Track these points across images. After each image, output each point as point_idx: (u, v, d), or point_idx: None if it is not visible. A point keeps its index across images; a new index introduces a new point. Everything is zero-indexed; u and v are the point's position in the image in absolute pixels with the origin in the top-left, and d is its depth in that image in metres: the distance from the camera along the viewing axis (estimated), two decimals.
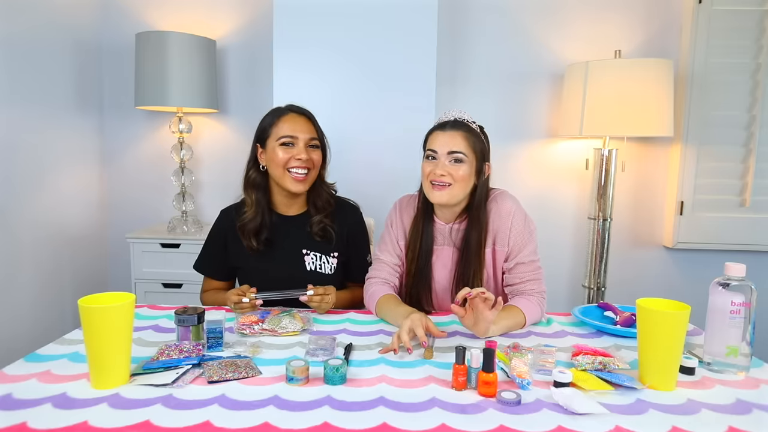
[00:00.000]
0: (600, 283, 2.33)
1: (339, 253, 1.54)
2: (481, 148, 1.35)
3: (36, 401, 0.88)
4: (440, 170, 1.30)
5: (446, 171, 1.30)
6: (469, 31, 2.45)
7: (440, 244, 1.42)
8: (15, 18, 1.94)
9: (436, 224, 1.42)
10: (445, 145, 1.31)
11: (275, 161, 1.45)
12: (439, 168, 1.31)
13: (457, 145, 1.31)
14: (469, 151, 1.32)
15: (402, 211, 1.48)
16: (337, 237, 1.52)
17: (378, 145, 2.14)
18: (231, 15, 2.47)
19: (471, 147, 1.32)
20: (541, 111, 2.49)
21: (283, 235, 1.52)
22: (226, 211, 1.57)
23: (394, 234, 1.47)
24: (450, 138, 1.31)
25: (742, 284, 1.03)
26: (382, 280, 1.43)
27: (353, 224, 1.58)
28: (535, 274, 1.37)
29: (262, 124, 1.51)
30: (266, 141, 1.48)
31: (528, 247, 1.37)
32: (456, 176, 1.30)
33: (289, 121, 1.46)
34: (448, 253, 1.41)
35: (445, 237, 1.41)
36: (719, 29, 2.35)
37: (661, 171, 2.51)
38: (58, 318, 2.23)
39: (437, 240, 1.42)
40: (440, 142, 1.32)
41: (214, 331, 1.12)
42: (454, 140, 1.31)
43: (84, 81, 2.38)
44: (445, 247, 1.42)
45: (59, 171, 2.23)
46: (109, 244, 2.58)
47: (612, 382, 0.97)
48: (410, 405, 0.89)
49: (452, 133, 1.32)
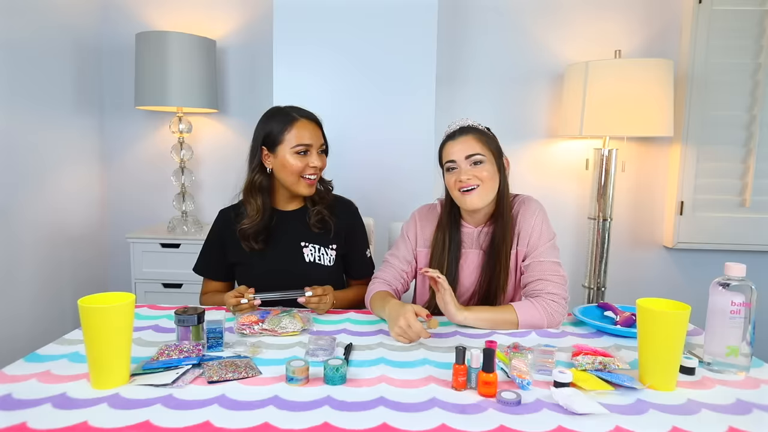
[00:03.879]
0: (600, 283, 2.33)
1: (337, 245, 1.55)
2: (496, 145, 1.38)
3: (36, 401, 0.88)
4: (465, 176, 1.32)
5: (471, 174, 1.32)
6: (468, 31, 2.45)
7: (467, 247, 1.43)
8: (15, 19, 1.94)
9: (463, 229, 1.43)
10: (461, 152, 1.33)
11: (289, 168, 1.45)
12: (463, 174, 1.32)
13: (473, 147, 1.33)
14: (486, 150, 1.34)
15: (421, 222, 1.48)
16: (335, 229, 1.53)
17: (377, 144, 2.14)
18: (231, 15, 2.47)
19: (486, 146, 1.35)
20: (541, 111, 2.49)
21: (281, 230, 1.52)
22: (224, 212, 1.57)
23: (411, 244, 1.48)
24: (463, 144, 1.34)
25: (742, 284, 1.03)
26: (385, 281, 1.45)
27: (350, 219, 1.59)
28: (548, 275, 1.32)
29: (268, 127, 1.47)
30: (277, 147, 1.45)
31: (545, 246, 1.35)
32: (481, 176, 1.32)
33: (304, 129, 1.45)
34: (474, 256, 1.42)
35: (472, 240, 1.42)
36: (719, 29, 2.35)
37: (661, 171, 2.51)
38: (58, 318, 2.23)
39: (464, 244, 1.43)
40: (456, 150, 1.34)
41: (214, 331, 1.12)
42: (468, 144, 1.34)
43: (84, 81, 2.38)
44: (472, 250, 1.42)
45: (59, 171, 2.23)
46: (109, 244, 2.58)
47: (612, 382, 0.97)
48: (410, 405, 0.89)
49: (464, 138, 1.34)
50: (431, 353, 1.12)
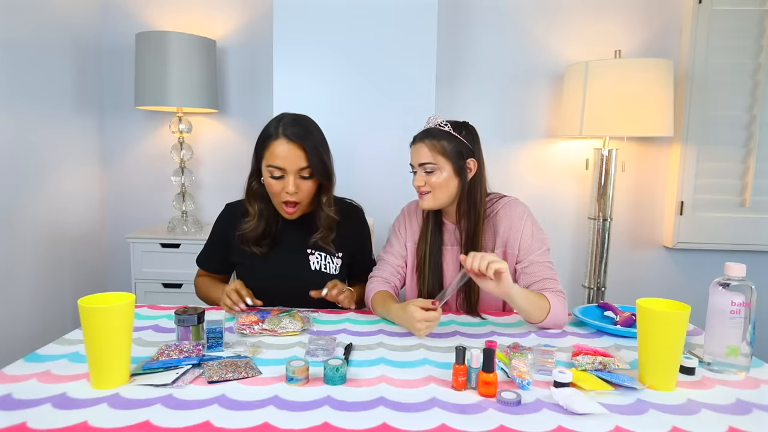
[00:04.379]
0: (600, 283, 2.33)
1: (344, 254, 1.52)
2: (456, 149, 1.36)
3: (36, 401, 0.88)
4: (417, 182, 1.38)
5: (423, 181, 1.37)
6: (468, 31, 2.45)
7: (449, 244, 1.46)
8: (15, 18, 1.94)
9: (445, 225, 1.47)
10: (415, 159, 1.39)
11: (267, 188, 1.39)
12: (417, 180, 1.39)
13: (423, 156, 1.36)
14: (438, 157, 1.35)
15: (409, 217, 1.53)
16: (342, 241, 1.50)
17: (377, 145, 2.14)
18: (231, 15, 2.47)
19: (439, 153, 1.36)
20: (541, 111, 2.49)
21: (287, 235, 1.50)
22: (231, 207, 1.54)
23: (402, 238, 1.51)
24: (416, 151, 1.39)
25: (742, 284, 1.03)
26: (383, 279, 1.47)
27: (357, 227, 1.57)
28: (553, 274, 1.36)
29: (260, 136, 1.40)
30: (260, 160, 1.39)
31: (541, 249, 1.38)
32: (431, 183, 1.37)
33: (279, 150, 1.34)
34: (456, 253, 1.45)
35: (450, 237, 1.46)
36: (719, 29, 2.35)
37: (661, 171, 2.51)
38: (57, 318, 2.23)
39: (446, 240, 1.46)
40: (412, 156, 1.40)
41: (214, 331, 1.12)
42: (420, 152, 1.37)
43: (84, 81, 2.38)
44: (455, 247, 1.46)
45: (59, 171, 2.23)
46: (109, 244, 2.58)
47: (612, 382, 0.97)
48: (410, 405, 0.89)
49: (418, 146, 1.38)
50: (431, 353, 1.12)
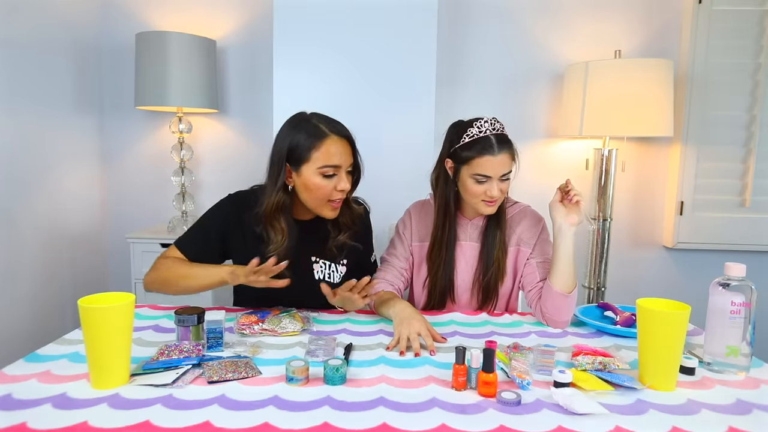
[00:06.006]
0: (600, 283, 2.33)
1: (348, 260, 1.47)
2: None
3: (36, 401, 0.88)
4: (496, 192, 1.33)
5: (500, 189, 1.33)
6: (469, 32, 2.45)
7: (463, 240, 1.46)
8: (15, 18, 1.94)
9: (460, 220, 1.47)
10: (499, 170, 1.32)
11: (313, 191, 1.29)
12: (494, 190, 1.33)
13: (508, 166, 1.34)
14: (513, 164, 1.36)
15: (415, 217, 1.51)
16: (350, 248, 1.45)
17: (377, 145, 2.14)
18: (231, 15, 2.47)
19: (513, 160, 1.36)
20: (541, 111, 2.49)
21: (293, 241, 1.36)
22: (241, 198, 1.39)
23: (407, 240, 1.50)
24: (501, 162, 1.32)
25: (742, 284, 1.03)
26: (387, 281, 1.46)
27: (362, 230, 1.50)
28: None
29: (294, 140, 1.29)
30: (301, 165, 1.29)
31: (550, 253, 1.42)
32: (505, 190, 1.36)
33: (334, 148, 1.28)
34: (471, 249, 1.46)
35: (467, 232, 1.46)
36: (719, 29, 2.35)
37: (661, 171, 2.51)
38: (57, 318, 2.23)
39: (459, 236, 1.46)
40: (494, 168, 1.31)
41: (214, 331, 1.12)
42: (506, 163, 1.33)
43: (84, 81, 2.38)
44: (468, 243, 1.46)
45: (59, 171, 2.23)
46: (109, 244, 2.58)
47: (612, 382, 0.97)
48: (410, 405, 0.89)
49: (503, 157, 1.32)
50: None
